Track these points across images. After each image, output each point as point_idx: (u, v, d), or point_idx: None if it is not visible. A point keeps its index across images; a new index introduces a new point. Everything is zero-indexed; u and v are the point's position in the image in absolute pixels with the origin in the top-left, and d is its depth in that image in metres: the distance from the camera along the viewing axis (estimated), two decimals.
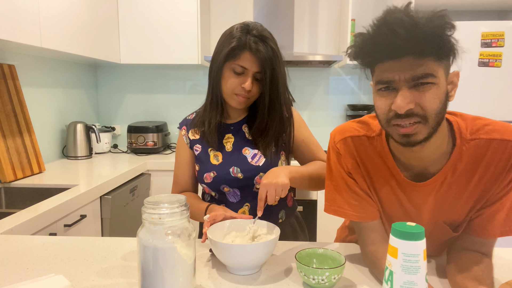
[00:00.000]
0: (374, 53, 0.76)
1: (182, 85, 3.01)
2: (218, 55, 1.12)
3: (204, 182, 1.20)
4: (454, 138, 0.85)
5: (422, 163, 0.86)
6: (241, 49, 1.08)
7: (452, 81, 0.79)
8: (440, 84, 0.75)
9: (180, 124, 1.29)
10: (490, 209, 0.86)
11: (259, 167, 1.16)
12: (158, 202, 0.75)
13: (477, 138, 0.83)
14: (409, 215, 0.92)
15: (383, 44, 0.73)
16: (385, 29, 0.72)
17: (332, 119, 2.98)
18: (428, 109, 0.75)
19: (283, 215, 1.24)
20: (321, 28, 2.89)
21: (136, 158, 2.53)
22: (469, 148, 0.83)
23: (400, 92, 0.75)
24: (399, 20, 0.71)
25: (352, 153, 0.92)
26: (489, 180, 0.84)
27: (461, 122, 0.85)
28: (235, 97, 1.12)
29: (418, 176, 0.88)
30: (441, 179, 0.86)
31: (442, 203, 0.88)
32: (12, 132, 1.90)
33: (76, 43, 2.10)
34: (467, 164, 0.84)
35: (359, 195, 0.93)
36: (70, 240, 1.08)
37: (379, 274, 0.87)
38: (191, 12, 2.56)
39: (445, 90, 0.77)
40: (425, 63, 0.73)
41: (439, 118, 0.77)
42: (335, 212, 0.96)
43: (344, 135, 0.93)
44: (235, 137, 1.21)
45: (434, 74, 0.74)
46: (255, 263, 0.90)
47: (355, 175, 0.93)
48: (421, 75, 0.73)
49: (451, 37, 0.73)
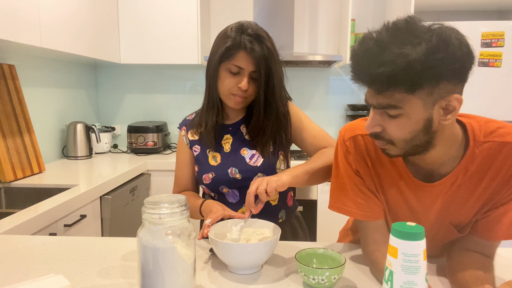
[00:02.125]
0: (352, 75, 0.78)
1: (182, 85, 3.01)
2: (214, 55, 1.12)
3: (203, 183, 1.20)
4: (467, 139, 0.84)
5: (430, 166, 0.85)
6: (236, 48, 1.07)
7: (447, 106, 0.74)
8: (412, 114, 0.73)
9: (180, 125, 1.29)
10: (496, 211, 0.85)
11: (257, 167, 1.16)
12: (158, 202, 0.75)
13: (491, 140, 0.82)
14: (416, 215, 0.91)
15: (353, 70, 0.77)
16: (354, 57, 0.75)
17: (332, 119, 2.98)
18: (393, 137, 0.78)
19: (283, 215, 1.24)
20: (321, 28, 2.89)
21: (136, 158, 2.53)
22: (482, 151, 0.82)
23: (370, 113, 0.79)
24: (369, 51, 0.72)
25: (361, 152, 0.91)
26: (499, 183, 0.83)
27: (475, 124, 0.84)
28: (232, 97, 1.12)
29: (427, 176, 0.87)
30: (451, 181, 0.85)
31: (450, 204, 0.88)
32: (12, 132, 1.90)
33: (76, 43, 2.10)
34: (479, 166, 0.83)
35: (365, 194, 0.92)
36: (70, 240, 1.08)
37: (379, 274, 0.87)
38: (191, 12, 2.56)
39: (422, 118, 0.74)
40: (389, 95, 0.73)
41: (412, 144, 0.78)
42: (339, 209, 0.96)
43: (354, 133, 0.92)
44: (233, 138, 1.21)
45: (399, 106, 0.73)
46: (256, 263, 0.90)
47: (363, 173, 0.92)
48: (384, 105, 0.75)
49: (442, 60, 0.69)
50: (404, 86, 0.71)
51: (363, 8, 2.83)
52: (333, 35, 2.90)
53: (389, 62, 0.69)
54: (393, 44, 0.69)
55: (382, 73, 0.70)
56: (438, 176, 0.86)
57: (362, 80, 0.75)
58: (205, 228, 0.95)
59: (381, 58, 0.70)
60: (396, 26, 0.72)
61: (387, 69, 0.69)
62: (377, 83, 0.73)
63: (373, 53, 0.71)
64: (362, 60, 0.74)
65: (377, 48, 0.71)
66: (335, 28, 2.89)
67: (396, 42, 0.69)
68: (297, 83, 2.94)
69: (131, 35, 2.60)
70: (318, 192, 2.41)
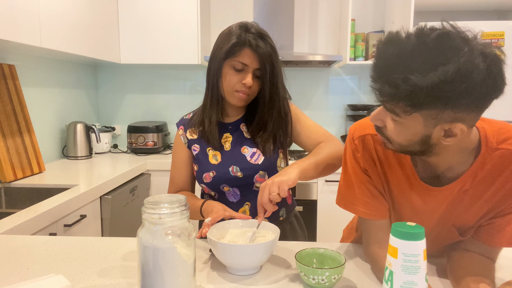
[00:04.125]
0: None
1: (182, 85, 3.01)
2: (218, 53, 1.12)
3: (204, 182, 1.20)
4: (479, 145, 0.81)
5: (437, 168, 0.85)
6: (241, 45, 1.08)
7: (449, 130, 0.71)
8: (410, 127, 0.73)
9: (177, 124, 1.28)
10: (502, 219, 0.84)
11: (258, 165, 1.16)
12: (158, 202, 0.75)
13: (504, 148, 0.80)
14: (420, 217, 0.91)
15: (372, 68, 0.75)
16: (374, 57, 0.74)
17: (332, 119, 2.98)
18: (391, 136, 0.78)
19: (283, 213, 1.25)
20: (321, 28, 2.89)
21: (136, 158, 2.53)
22: (493, 158, 0.80)
23: (379, 107, 0.78)
24: (385, 60, 0.70)
25: (370, 151, 0.91)
26: (507, 192, 0.82)
27: (489, 130, 0.81)
28: (235, 94, 1.13)
29: (435, 178, 0.86)
30: (459, 186, 0.83)
31: (454, 208, 0.87)
32: (12, 132, 1.90)
33: (76, 43, 2.10)
34: (488, 173, 0.82)
35: (372, 192, 0.92)
36: (70, 240, 1.08)
37: (380, 273, 0.87)
38: (191, 12, 2.56)
39: (420, 133, 0.73)
40: (394, 103, 0.71)
41: (407, 150, 0.78)
42: (345, 206, 0.96)
43: (364, 132, 0.92)
44: (233, 136, 1.21)
45: (401, 115, 0.71)
46: (255, 264, 0.90)
47: (371, 172, 0.92)
48: (388, 108, 0.74)
49: (454, 92, 0.64)
50: (407, 104, 0.69)
51: (363, 8, 2.83)
52: (333, 35, 2.90)
53: (394, 85, 0.67)
54: (409, 62, 0.66)
55: (385, 91, 0.69)
56: (446, 179, 0.85)
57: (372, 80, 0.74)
58: (204, 227, 0.95)
59: (389, 76, 0.68)
60: (424, 39, 0.67)
61: (390, 90, 0.68)
62: (381, 95, 0.72)
63: (384, 65, 0.70)
64: (375, 65, 0.72)
65: (391, 60, 0.68)
66: (335, 28, 2.89)
67: (411, 61, 0.66)
68: (297, 83, 2.94)
69: (131, 35, 2.60)
70: (318, 192, 2.41)
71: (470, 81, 0.64)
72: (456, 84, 0.64)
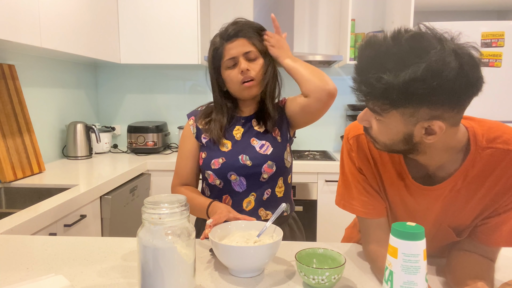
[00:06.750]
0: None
1: (182, 85, 3.01)
2: (210, 65, 1.22)
3: (211, 169, 1.20)
4: (468, 143, 0.82)
5: (428, 168, 0.85)
6: (220, 46, 1.17)
7: (429, 128, 0.73)
8: (391, 125, 0.75)
9: (188, 115, 1.31)
10: (496, 219, 0.84)
11: (268, 155, 1.19)
12: (158, 202, 0.75)
13: (493, 147, 0.80)
14: (414, 216, 0.92)
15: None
16: (356, 58, 0.78)
17: (332, 119, 2.98)
18: (374, 135, 0.81)
19: (288, 209, 1.26)
20: (321, 28, 2.89)
21: (136, 158, 2.53)
22: (484, 157, 0.80)
23: (365, 109, 0.81)
24: (363, 61, 0.74)
25: (364, 150, 0.92)
26: (500, 191, 0.82)
27: (478, 129, 0.82)
28: (242, 86, 1.17)
29: (427, 178, 0.87)
30: (450, 185, 0.84)
31: (448, 208, 0.88)
32: (12, 132, 1.90)
33: (76, 43, 2.10)
34: (479, 172, 0.82)
35: (368, 191, 0.93)
36: (70, 240, 1.08)
37: (379, 273, 0.87)
38: (191, 12, 2.56)
39: (401, 132, 0.75)
40: (374, 102, 0.75)
41: (392, 149, 0.80)
42: (344, 206, 0.98)
43: (358, 131, 0.94)
44: (244, 129, 1.24)
45: (381, 114, 0.75)
46: (258, 266, 0.88)
47: (366, 171, 0.93)
48: (370, 107, 0.77)
49: (426, 89, 0.67)
50: (383, 102, 0.72)
51: (363, 8, 2.83)
52: (333, 35, 2.90)
53: (369, 84, 0.71)
54: (384, 62, 0.69)
55: (362, 90, 0.73)
56: (438, 178, 0.85)
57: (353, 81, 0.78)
58: (206, 228, 0.95)
59: (365, 76, 0.72)
60: (399, 40, 0.70)
61: (366, 89, 0.72)
62: (359, 95, 0.76)
63: (362, 66, 0.73)
64: (355, 67, 0.76)
65: (368, 61, 0.72)
66: (335, 28, 2.89)
67: (386, 61, 0.69)
68: None
69: (131, 35, 2.60)
70: (318, 192, 2.41)
71: (441, 78, 0.66)
72: (427, 81, 0.66)
